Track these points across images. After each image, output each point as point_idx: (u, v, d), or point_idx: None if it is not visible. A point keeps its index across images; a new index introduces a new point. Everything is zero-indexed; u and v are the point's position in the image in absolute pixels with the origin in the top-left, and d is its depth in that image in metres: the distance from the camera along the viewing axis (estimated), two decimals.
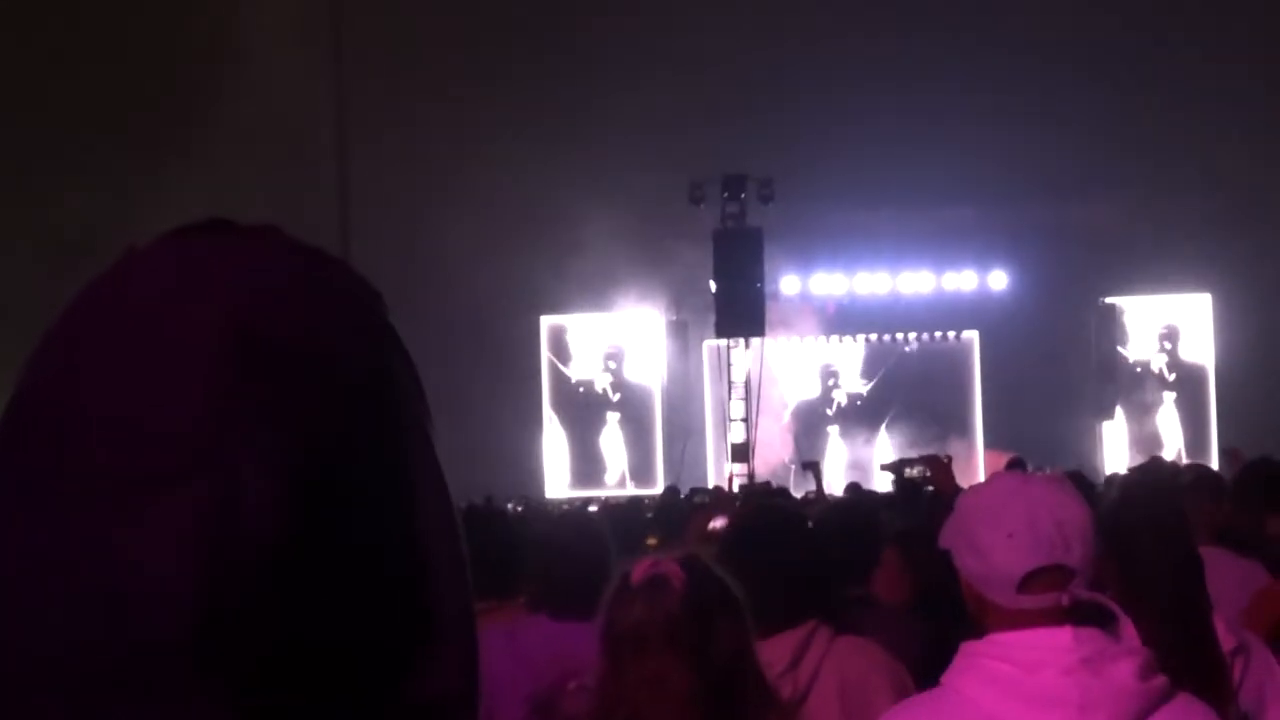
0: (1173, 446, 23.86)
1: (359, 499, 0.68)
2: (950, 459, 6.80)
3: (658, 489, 19.07)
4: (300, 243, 0.72)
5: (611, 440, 24.94)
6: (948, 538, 2.48)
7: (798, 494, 12.29)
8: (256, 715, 0.64)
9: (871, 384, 24.95)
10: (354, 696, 0.67)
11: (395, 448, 0.70)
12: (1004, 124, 22.10)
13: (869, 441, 24.41)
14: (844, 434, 24.95)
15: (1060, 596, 2.34)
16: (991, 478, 2.61)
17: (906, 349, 25.05)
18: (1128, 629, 2.33)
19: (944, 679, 2.39)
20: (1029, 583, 2.36)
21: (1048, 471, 5.08)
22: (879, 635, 3.64)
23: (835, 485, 14.50)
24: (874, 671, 3.34)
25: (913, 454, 8.29)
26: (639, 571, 2.58)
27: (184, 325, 0.67)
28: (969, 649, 2.38)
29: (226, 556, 0.64)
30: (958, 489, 6.09)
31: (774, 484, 14.05)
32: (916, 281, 25.08)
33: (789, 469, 22.17)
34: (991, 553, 2.37)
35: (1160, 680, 2.31)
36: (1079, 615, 2.35)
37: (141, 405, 0.65)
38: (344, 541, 0.67)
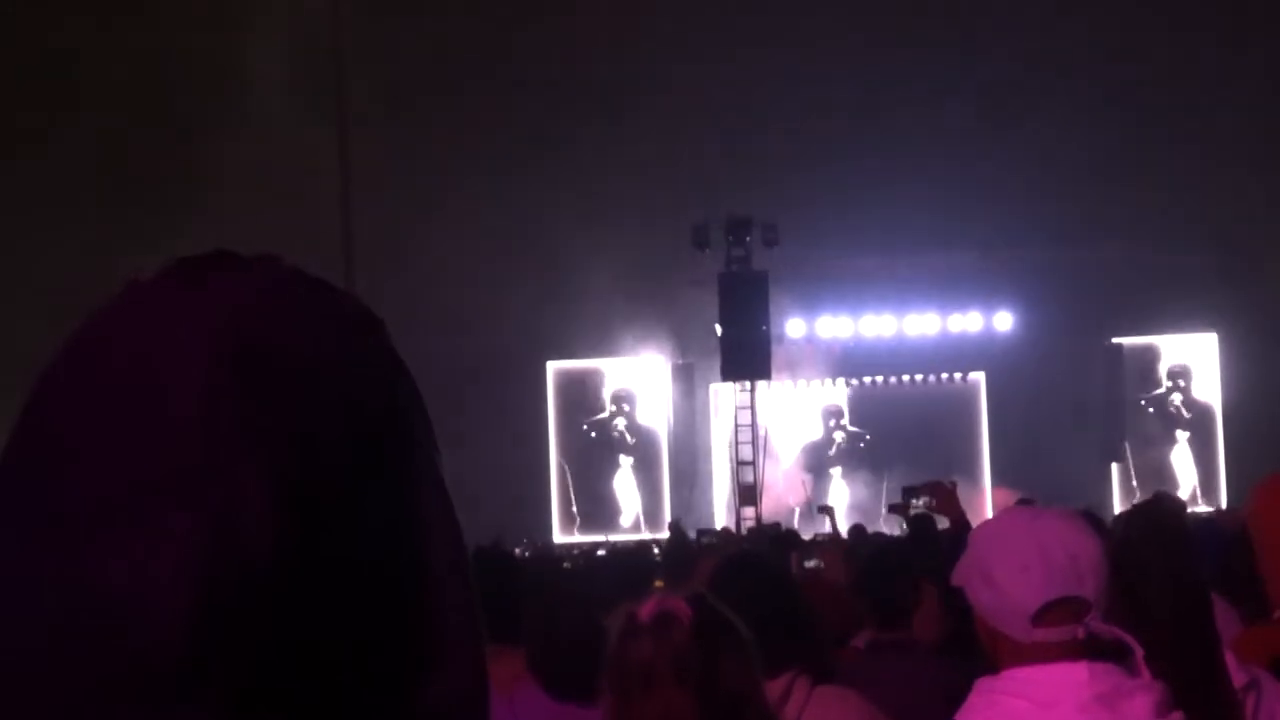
0: (1187, 485, 23.77)
1: (360, 517, 0.69)
2: (955, 484, 6.74)
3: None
4: (302, 270, 0.73)
5: (624, 484, 25.01)
6: (960, 574, 2.49)
7: (806, 536, 12.27)
8: None
9: (876, 426, 24.92)
10: (357, 712, 0.67)
11: (398, 465, 0.71)
12: (1008, 166, 22.18)
13: (873, 483, 24.37)
14: (847, 475, 24.98)
15: (1075, 629, 2.33)
16: (1003, 512, 2.65)
17: (911, 389, 25.09)
18: (1142, 664, 2.32)
19: (958, 716, 2.39)
20: (1043, 616, 2.35)
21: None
22: (914, 677, 3.60)
23: (839, 527, 14.39)
24: (859, 717, 3.34)
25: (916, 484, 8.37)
26: (647, 609, 2.60)
27: (180, 345, 0.68)
28: (984, 685, 2.37)
29: (223, 575, 0.64)
30: (963, 515, 6.21)
31: (783, 526, 13.94)
32: (922, 324, 25.16)
33: (794, 511, 22.11)
34: (1005, 585, 2.37)
35: (1176, 717, 2.29)
36: (1094, 650, 2.34)
37: (136, 426, 0.66)
38: (344, 559, 0.68)
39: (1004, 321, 25.31)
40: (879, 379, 25.26)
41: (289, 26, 20.29)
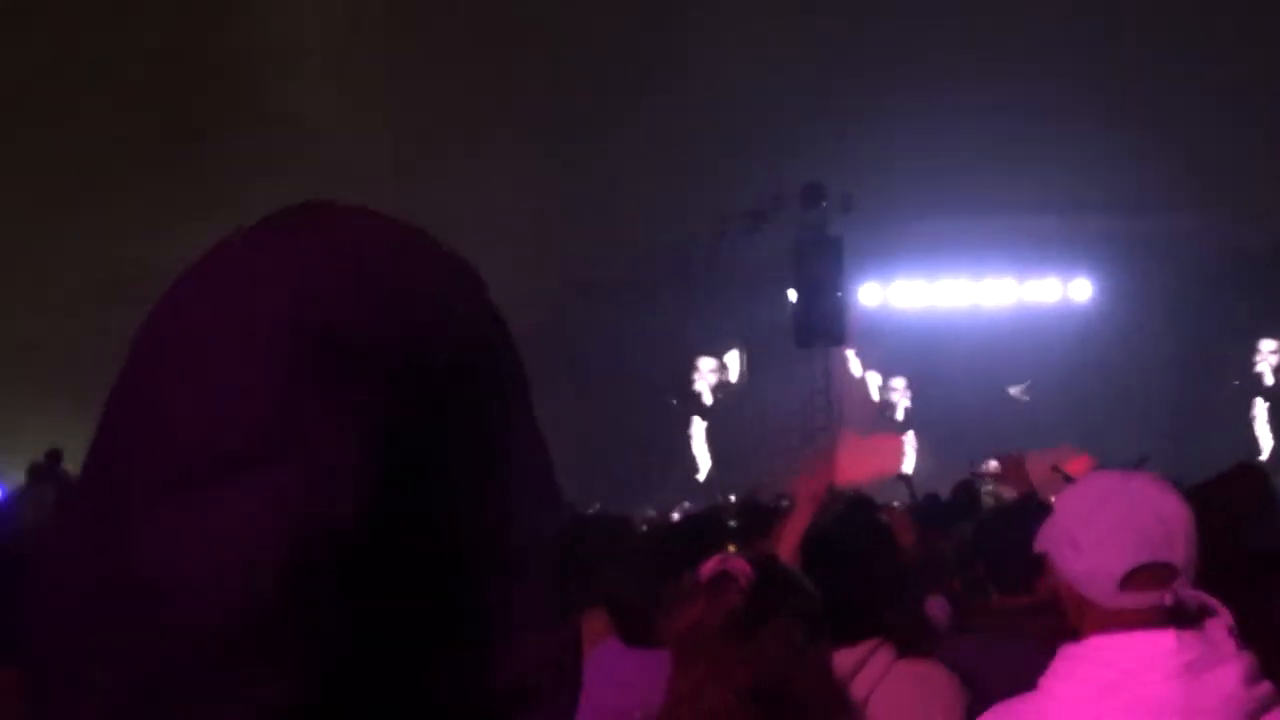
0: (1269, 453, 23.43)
1: (452, 481, 0.68)
2: (1024, 455, 6.73)
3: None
4: (394, 219, 0.72)
5: (699, 448, 25.01)
6: (1044, 539, 2.45)
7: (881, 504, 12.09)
8: (328, 703, 0.64)
9: (948, 394, 24.73)
10: (430, 686, 0.67)
11: (490, 431, 0.70)
12: (1089, 128, 21.85)
13: (943, 453, 24.15)
14: (920, 444, 24.78)
15: (1163, 595, 2.30)
16: (1091, 475, 2.61)
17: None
18: (1230, 632, 2.28)
19: (1040, 683, 2.35)
20: (1130, 581, 2.33)
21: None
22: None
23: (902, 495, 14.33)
24: (933, 699, 3.24)
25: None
26: (708, 567, 2.57)
27: (262, 306, 0.67)
28: (1067, 652, 2.34)
29: (306, 542, 0.64)
30: (1032, 487, 6.16)
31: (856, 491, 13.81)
32: (998, 291, 25.04)
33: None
34: (1091, 549, 2.34)
35: (1266, 686, 2.25)
36: (1181, 617, 2.31)
37: (219, 390, 0.66)
38: (433, 523, 0.67)
39: (1082, 290, 25.19)
40: (954, 346, 25.01)
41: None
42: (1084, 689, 2.27)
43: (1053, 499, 3.07)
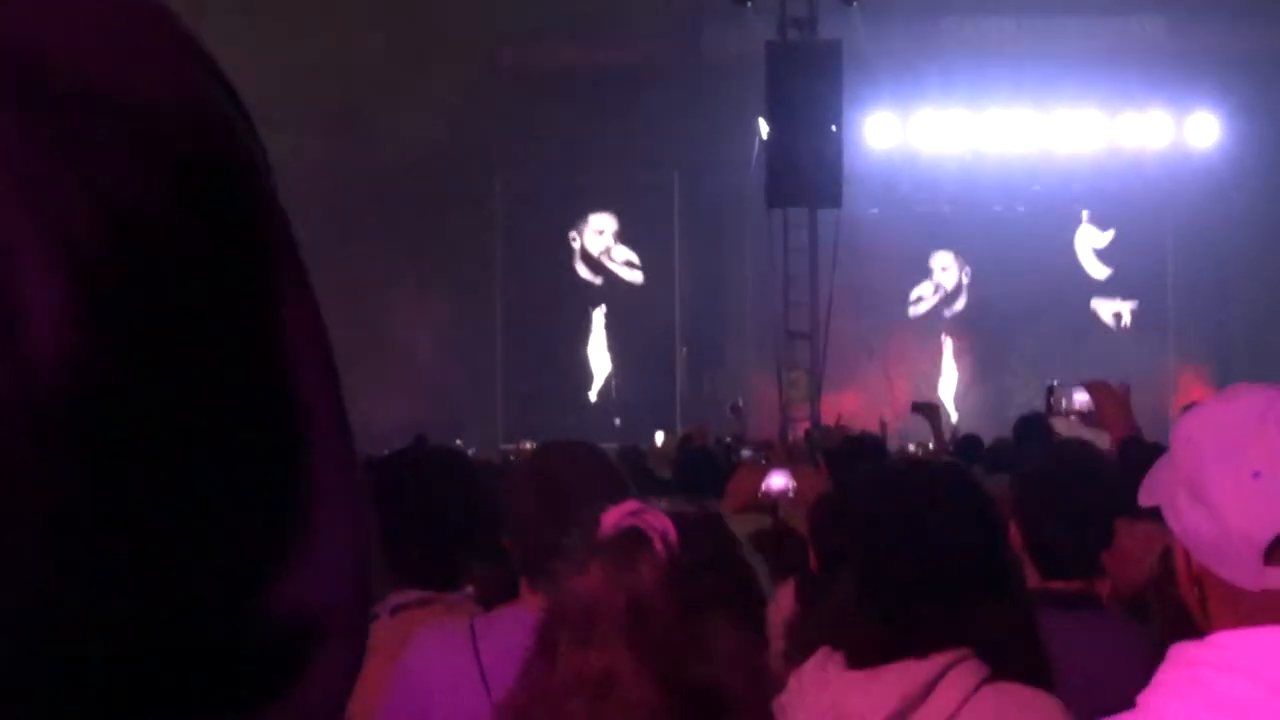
0: None
1: (196, 334, 0.72)
2: (1128, 389, 7.16)
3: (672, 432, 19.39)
4: None
5: (598, 355, 25.89)
6: (1154, 489, 2.63)
7: (893, 449, 12.51)
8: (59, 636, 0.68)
9: (1002, 286, 25.23)
10: (194, 612, 0.70)
11: (250, 266, 0.74)
12: None
13: (993, 373, 24.73)
14: (958, 359, 25.53)
15: None
16: (1224, 394, 2.72)
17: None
18: None
19: (1141, 699, 2.50)
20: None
21: None
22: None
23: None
24: None
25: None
26: (611, 518, 2.71)
27: None
28: (1182, 655, 2.47)
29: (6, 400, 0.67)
30: (1136, 430, 6.58)
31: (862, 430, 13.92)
32: (1079, 129, 25.25)
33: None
34: (1227, 506, 2.47)
35: None
36: None
37: None
38: (174, 387, 0.71)
39: (1204, 130, 25.53)
40: (1007, 212, 25.30)
41: None
42: (1201, 706, 2.41)
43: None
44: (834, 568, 3.94)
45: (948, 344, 25.75)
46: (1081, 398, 9.12)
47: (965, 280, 25.91)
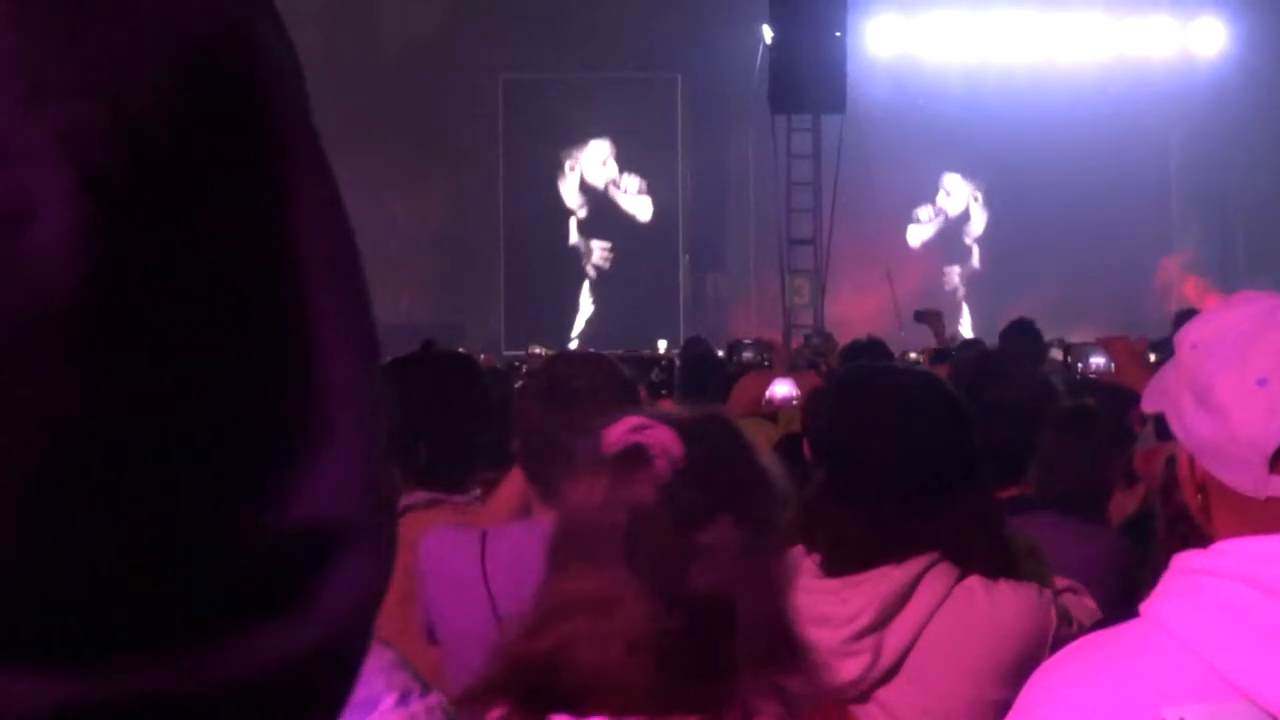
0: None
1: (204, 231, 0.71)
2: (1145, 341, 7.26)
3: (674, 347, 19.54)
4: None
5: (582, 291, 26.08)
6: (1159, 394, 2.63)
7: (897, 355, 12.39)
8: (60, 534, 0.67)
9: (1014, 205, 25.30)
10: (202, 523, 0.70)
11: (261, 153, 0.73)
12: None
13: (1006, 303, 24.31)
14: (969, 290, 25.62)
15: None
16: (1229, 300, 2.71)
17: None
18: None
19: (1144, 607, 2.47)
20: None
21: None
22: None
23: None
24: (1012, 642, 3.51)
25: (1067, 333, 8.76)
26: (613, 435, 2.67)
27: None
28: (1185, 564, 2.46)
29: (7, 308, 0.66)
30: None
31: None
32: (1081, 36, 25.35)
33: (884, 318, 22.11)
34: (1233, 410, 2.47)
35: None
36: None
37: None
38: (182, 289, 0.70)
39: (1210, 36, 25.59)
40: (1016, 120, 25.12)
41: None
42: (1205, 614, 2.39)
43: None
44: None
45: (954, 270, 25.83)
46: (1098, 360, 9.08)
47: (976, 199, 25.96)
